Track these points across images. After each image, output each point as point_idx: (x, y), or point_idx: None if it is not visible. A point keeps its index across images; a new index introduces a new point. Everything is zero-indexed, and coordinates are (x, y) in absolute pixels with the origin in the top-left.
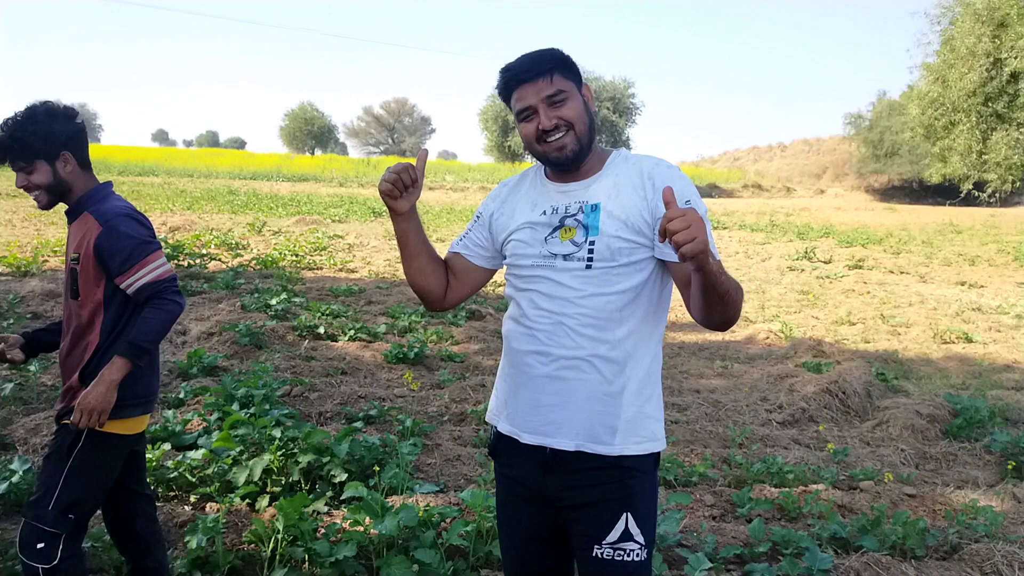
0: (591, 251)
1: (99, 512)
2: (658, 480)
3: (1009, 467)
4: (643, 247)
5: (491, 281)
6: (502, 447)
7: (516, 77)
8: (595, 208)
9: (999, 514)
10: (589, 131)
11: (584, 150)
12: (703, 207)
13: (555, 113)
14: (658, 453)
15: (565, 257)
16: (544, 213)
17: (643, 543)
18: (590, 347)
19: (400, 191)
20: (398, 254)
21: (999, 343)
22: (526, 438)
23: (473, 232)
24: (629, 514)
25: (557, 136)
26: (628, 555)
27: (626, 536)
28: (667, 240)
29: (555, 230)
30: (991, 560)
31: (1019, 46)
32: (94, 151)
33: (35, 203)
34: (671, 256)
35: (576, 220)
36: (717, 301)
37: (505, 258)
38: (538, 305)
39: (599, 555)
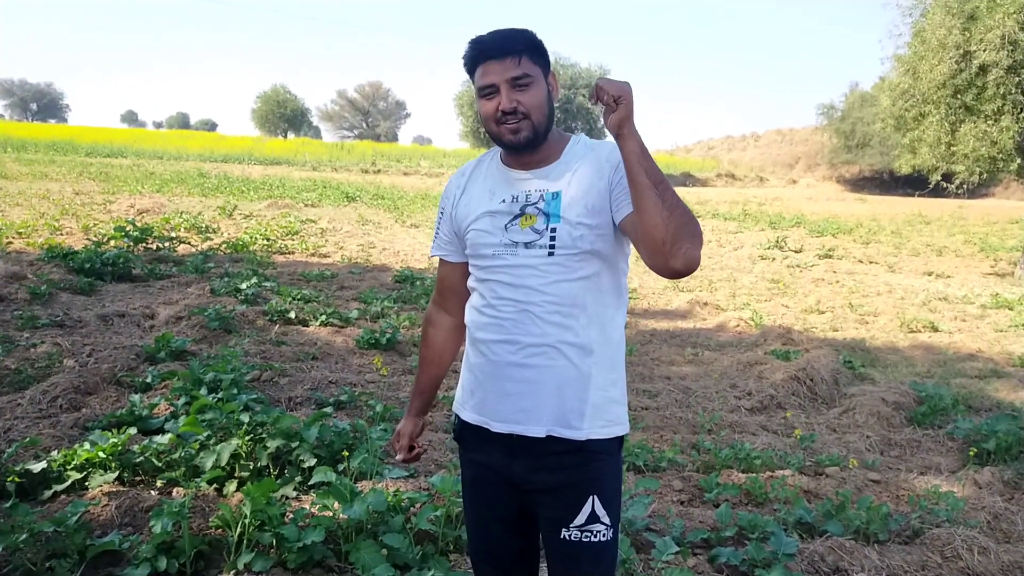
0: (553, 238)
1: (71, 497)
2: (622, 461)
3: (971, 454)
4: (604, 234)
5: None
6: (467, 433)
7: (485, 52)
8: (556, 196)
9: (960, 500)
10: (547, 120)
11: (539, 137)
12: None
13: (516, 96)
14: (623, 436)
15: (527, 245)
16: (503, 201)
17: (609, 524)
18: (557, 333)
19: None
20: (371, 239)
21: (964, 332)
22: (496, 427)
23: (442, 231)
24: (595, 497)
25: (513, 121)
26: (595, 536)
27: (593, 518)
28: (597, 102)
29: (515, 218)
30: (951, 544)
31: (988, 39)
32: (61, 132)
33: None
34: (624, 210)
35: (537, 208)
36: (653, 200)
37: (466, 248)
38: (500, 294)
39: (567, 537)
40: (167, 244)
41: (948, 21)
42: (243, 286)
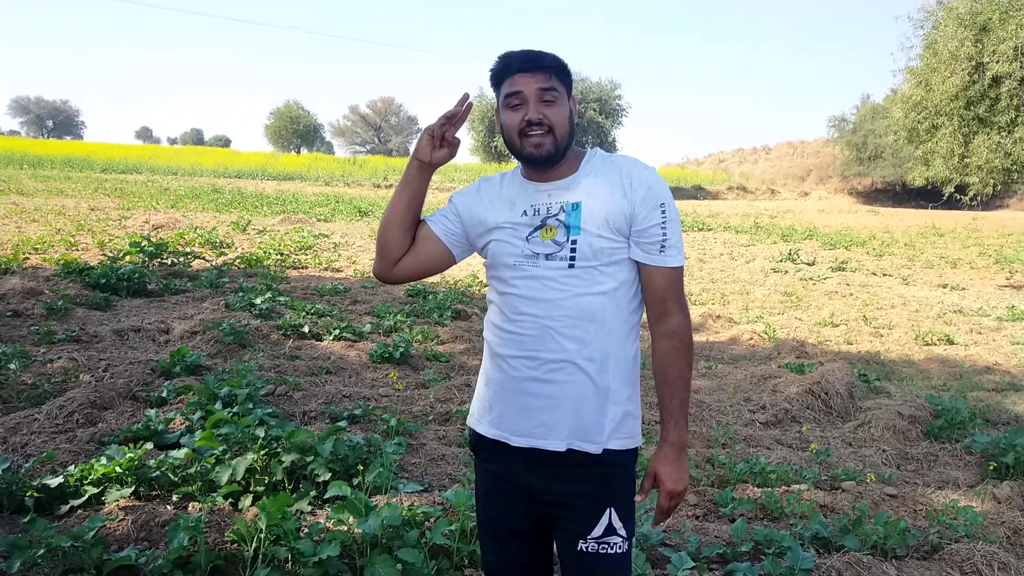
0: (573, 250)
1: (88, 512)
2: (636, 475)
3: (989, 468)
4: (623, 247)
5: (477, 281)
6: (484, 445)
7: (516, 65)
8: (576, 207)
9: (979, 514)
10: (568, 138)
11: (559, 154)
12: (675, 210)
13: (543, 109)
14: (637, 448)
15: (547, 257)
16: (524, 214)
17: (625, 536)
18: (576, 349)
19: (441, 139)
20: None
21: (980, 345)
22: (516, 441)
23: (441, 210)
24: (612, 509)
25: (538, 133)
26: (612, 548)
27: (610, 530)
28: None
29: (536, 230)
30: (971, 560)
31: (1001, 50)
32: (76, 148)
33: None
34: (641, 258)
35: (558, 220)
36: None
37: (485, 258)
38: (520, 310)
39: (584, 549)
40: (182, 259)
41: (960, 33)
42: (257, 301)
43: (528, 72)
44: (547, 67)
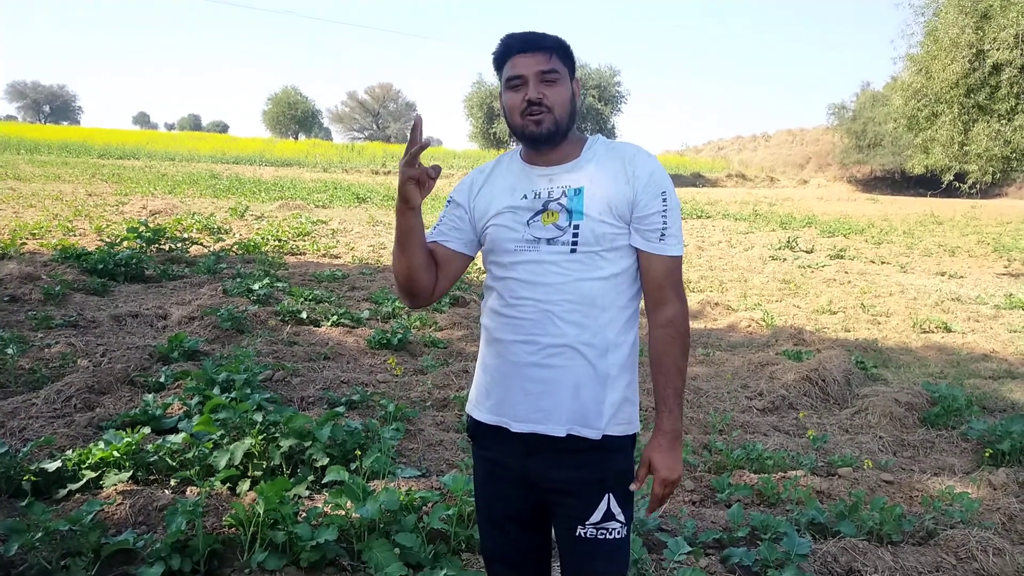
0: (576, 235)
1: (86, 496)
2: (634, 461)
3: (985, 455)
4: (624, 233)
5: (475, 268)
6: (482, 432)
7: (517, 46)
8: (578, 192)
9: (975, 501)
10: (569, 119)
11: (560, 133)
12: (675, 199)
13: (543, 89)
14: (635, 434)
15: (549, 241)
16: (525, 197)
17: (623, 521)
18: (575, 334)
19: (424, 181)
20: (381, 240)
21: (977, 333)
22: (516, 427)
23: (447, 218)
24: (611, 495)
25: (537, 112)
26: (610, 533)
27: (608, 516)
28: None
29: (537, 214)
30: (966, 546)
31: (1001, 38)
32: (74, 134)
33: None
34: (641, 244)
35: (560, 204)
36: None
37: (483, 245)
38: (519, 294)
39: (582, 535)
40: (179, 245)
41: (961, 20)
42: (255, 287)
43: (528, 53)
44: (547, 48)
